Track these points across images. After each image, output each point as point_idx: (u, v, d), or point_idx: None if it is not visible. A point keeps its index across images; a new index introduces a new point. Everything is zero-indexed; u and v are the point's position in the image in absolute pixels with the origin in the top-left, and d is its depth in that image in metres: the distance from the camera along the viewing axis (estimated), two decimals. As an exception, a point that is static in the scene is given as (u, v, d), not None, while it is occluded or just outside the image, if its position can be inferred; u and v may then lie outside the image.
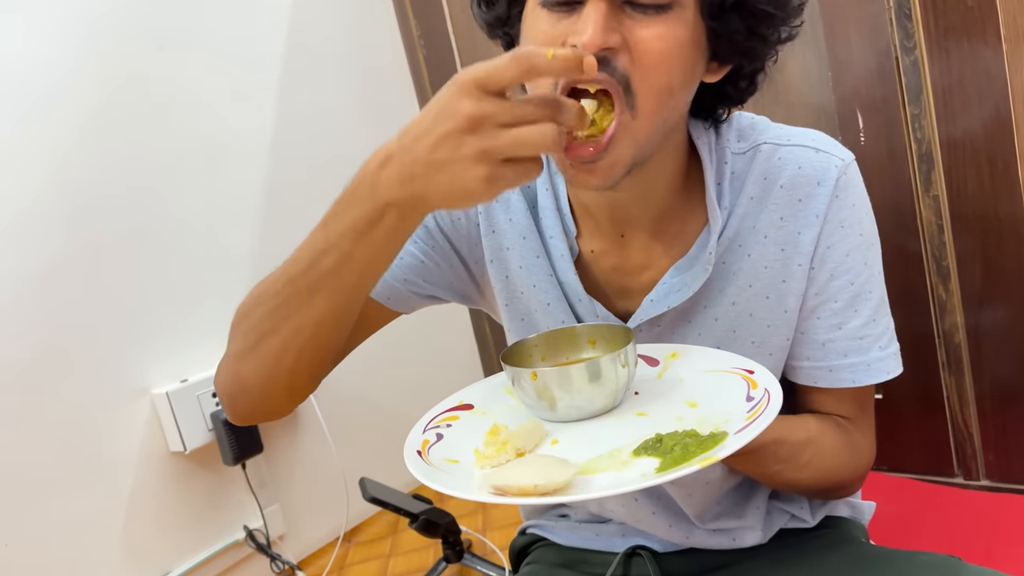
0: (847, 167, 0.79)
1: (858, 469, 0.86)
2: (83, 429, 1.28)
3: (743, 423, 0.63)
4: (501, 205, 0.85)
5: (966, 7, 1.10)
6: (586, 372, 0.68)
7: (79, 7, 1.30)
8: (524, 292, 0.86)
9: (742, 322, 0.81)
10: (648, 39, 0.66)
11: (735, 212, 0.79)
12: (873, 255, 0.81)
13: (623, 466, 0.62)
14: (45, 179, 1.25)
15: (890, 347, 0.82)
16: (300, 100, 1.59)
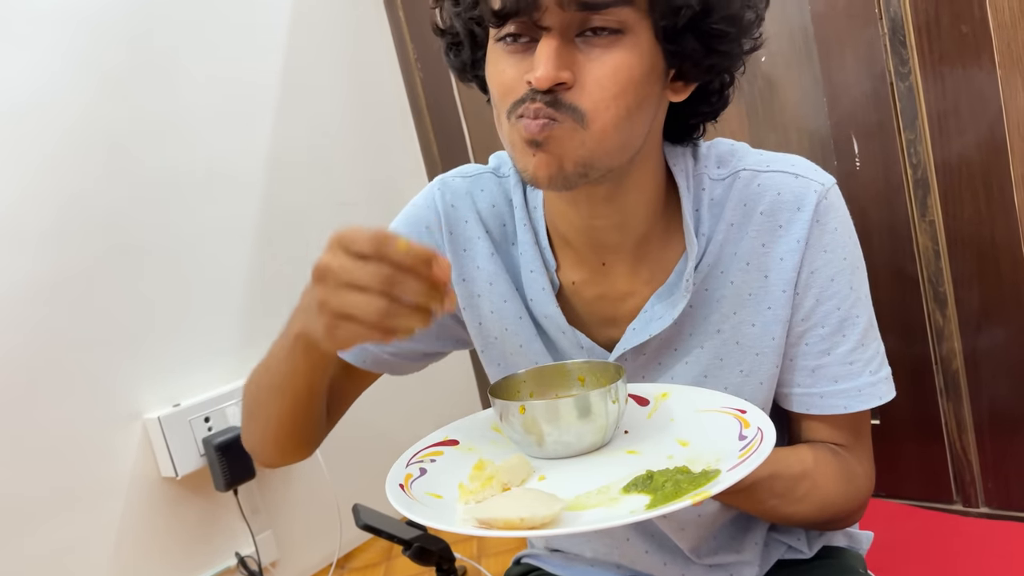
0: (827, 191, 0.79)
1: (857, 498, 0.85)
2: (74, 453, 1.27)
3: (736, 461, 0.62)
4: (468, 253, 0.86)
5: (960, 33, 1.10)
6: (575, 407, 0.67)
7: (78, 30, 1.30)
8: (497, 337, 0.86)
9: (729, 350, 0.80)
10: (599, 73, 0.68)
11: (714, 239, 0.79)
12: (858, 279, 0.80)
13: (612, 503, 0.61)
14: (39, 200, 1.25)
15: (881, 371, 0.81)
16: (296, 121, 1.59)
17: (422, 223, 0.87)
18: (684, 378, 0.81)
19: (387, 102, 1.76)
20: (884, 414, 1.29)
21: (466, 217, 0.85)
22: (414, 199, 0.90)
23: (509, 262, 0.85)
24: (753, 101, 1.29)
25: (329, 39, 1.66)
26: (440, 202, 0.86)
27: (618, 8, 0.66)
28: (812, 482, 0.78)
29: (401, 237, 0.61)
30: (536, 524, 0.56)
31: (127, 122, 1.35)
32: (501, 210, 0.85)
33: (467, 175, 0.87)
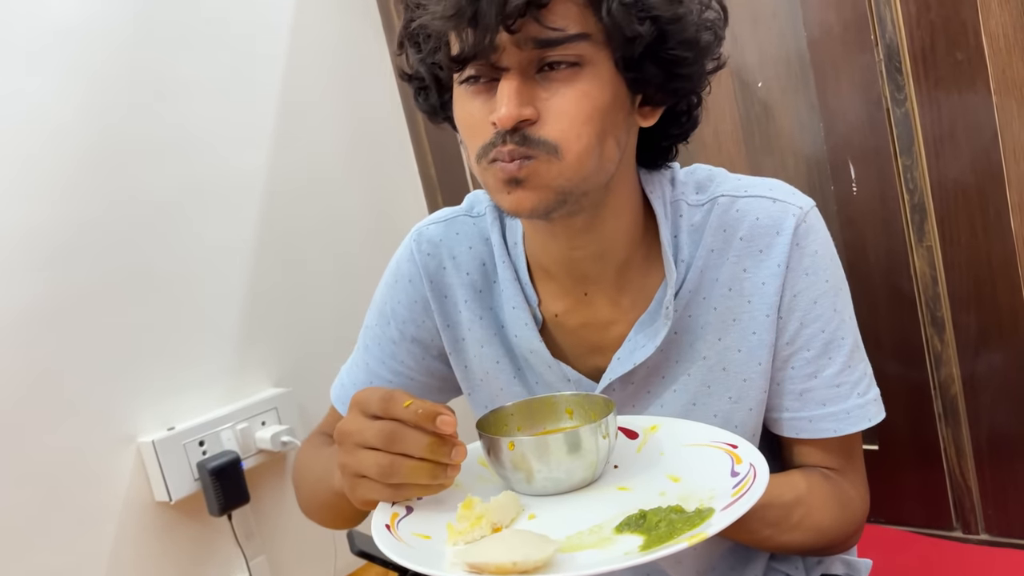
0: (806, 214, 0.79)
1: (852, 523, 0.85)
2: (68, 477, 1.26)
3: (729, 499, 0.61)
4: (450, 299, 0.87)
5: (955, 60, 1.11)
6: (565, 443, 0.66)
7: (75, 53, 1.30)
8: (482, 379, 0.87)
9: (716, 376, 0.80)
10: (560, 106, 0.69)
11: (695, 265, 0.79)
12: (842, 301, 0.81)
13: (606, 543, 0.60)
14: (30, 222, 1.25)
15: (869, 393, 0.81)
16: (294, 144, 1.59)
17: (404, 277, 0.89)
18: (673, 406, 0.81)
19: (385, 124, 1.77)
20: (883, 440, 1.28)
21: (443, 264, 0.87)
22: (395, 255, 0.93)
23: (491, 301, 0.85)
24: (750, 126, 1.30)
25: (328, 62, 1.67)
26: (417, 253, 0.88)
27: (574, 43, 0.67)
28: (806, 509, 0.78)
29: (406, 396, 0.65)
30: (529, 568, 0.56)
31: (122, 148, 1.35)
32: (478, 250, 0.86)
33: (441, 220, 0.89)
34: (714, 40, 0.74)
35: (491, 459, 0.69)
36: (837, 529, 0.82)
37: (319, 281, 1.61)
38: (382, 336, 0.92)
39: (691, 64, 0.72)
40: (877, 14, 1.15)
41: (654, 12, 0.68)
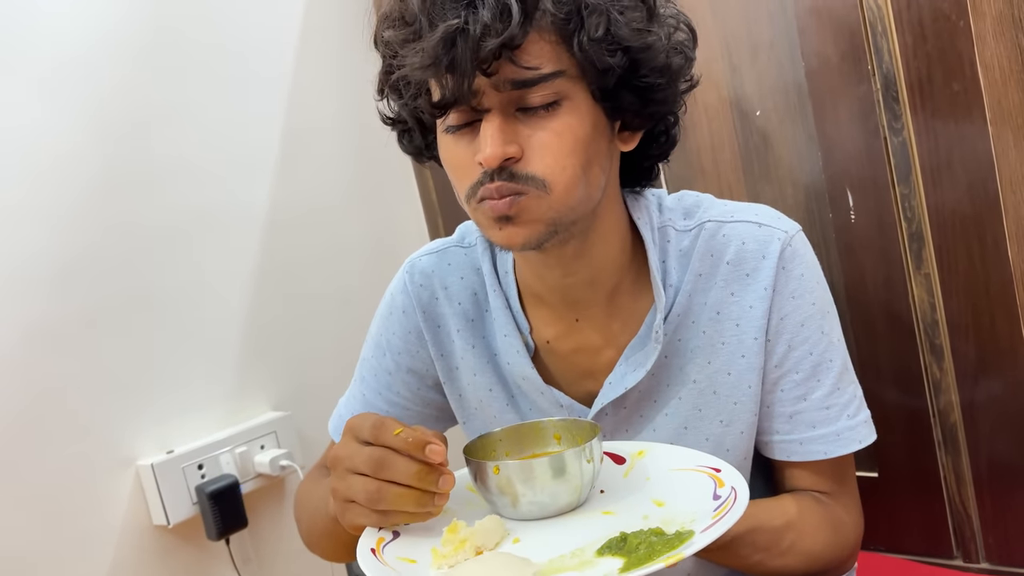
0: (791, 238, 0.81)
1: (845, 548, 0.85)
2: (66, 500, 1.26)
3: (709, 521, 0.62)
4: (443, 328, 0.89)
5: (952, 91, 1.13)
6: (549, 467, 0.67)
7: (83, 77, 1.32)
8: (476, 408, 0.88)
9: (707, 400, 0.81)
10: (544, 141, 0.71)
11: (683, 289, 0.81)
12: (829, 323, 0.82)
13: (585, 567, 0.61)
14: (33, 245, 1.26)
15: (859, 415, 0.82)
16: (297, 172, 1.61)
17: (399, 309, 0.90)
18: (665, 429, 0.82)
19: (387, 153, 1.78)
20: (883, 467, 1.28)
21: (436, 295, 0.88)
22: (389, 287, 0.95)
23: (483, 330, 0.87)
24: (749, 155, 1.31)
25: (331, 91, 1.69)
26: (410, 285, 0.90)
27: (550, 80, 0.69)
28: (797, 533, 0.78)
29: (397, 424, 0.66)
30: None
31: (125, 174, 1.36)
32: (470, 280, 0.88)
33: (433, 252, 0.91)
34: (685, 62, 0.76)
35: (477, 484, 0.70)
36: (830, 554, 0.82)
37: (319, 306, 1.61)
38: (378, 367, 0.93)
39: (664, 88, 0.74)
40: (874, 45, 1.17)
41: (624, 43, 0.70)
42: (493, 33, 0.65)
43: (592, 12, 0.68)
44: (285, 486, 1.52)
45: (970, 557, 1.24)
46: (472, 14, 0.65)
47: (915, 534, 1.28)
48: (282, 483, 1.51)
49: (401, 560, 0.65)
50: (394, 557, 0.65)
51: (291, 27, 1.63)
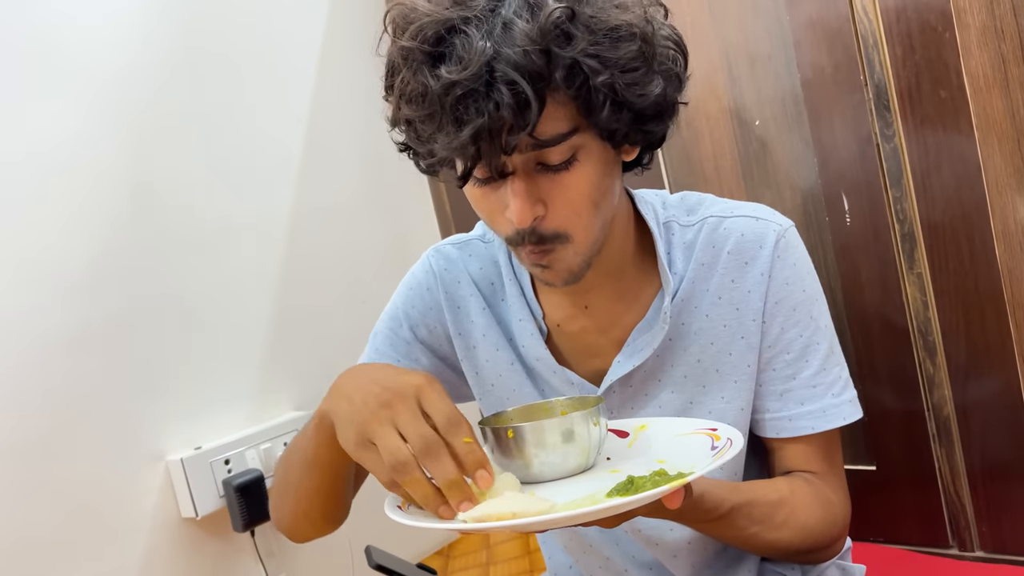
0: (785, 231, 0.88)
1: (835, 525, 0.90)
2: (99, 494, 1.32)
3: (708, 463, 0.69)
4: (463, 310, 0.95)
5: (940, 98, 1.18)
6: (559, 429, 0.73)
7: (116, 91, 1.39)
8: (493, 384, 0.94)
9: (710, 378, 0.87)
10: (568, 196, 0.76)
11: (687, 277, 0.87)
12: (818, 309, 0.88)
13: (598, 503, 0.65)
14: (68, 252, 1.33)
15: (843, 394, 0.88)
16: (316, 178, 1.68)
17: (423, 286, 0.97)
18: (671, 406, 0.88)
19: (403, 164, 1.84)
20: (880, 461, 1.33)
21: (458, 279, 0.95)
22: (412, 268, 1.01)
23: (500, 316, 0.93)
24: (748, 162, 1.37)
25: (351, 102, 1.76)
26: (435, 267, 0.96)
27: (568, 139, 0.74)
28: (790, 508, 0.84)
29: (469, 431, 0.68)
30: (527, 515, 0.62)
31: (154, 175, 1.43)
32: (488, 271, 0.95)
33: (457, 243, 0.98)
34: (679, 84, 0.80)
35: (493, 451, 0.76)
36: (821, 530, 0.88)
37: (338, 311, 1.68)
38: (395, 337, 0.98)
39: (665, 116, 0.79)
40: (866, 56, 1.23)
41: (630, 106, 0.74)
42: (516, 127, 0.69)
43: (599, 85, 0.71)
44: (307, 482, 1.58)
45: (965, 546, 1.29)
46: (494, 110, 0.68)
47: (912, 525, 1.32)
48: (304, 479, 1.58)
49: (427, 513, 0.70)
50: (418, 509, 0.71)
51: (311, 39, 1.70)
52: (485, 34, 0.68)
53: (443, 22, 0.70)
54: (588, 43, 0.70)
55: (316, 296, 1.65)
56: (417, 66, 0.71)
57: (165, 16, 1.47)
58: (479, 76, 0.68)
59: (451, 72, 0.68)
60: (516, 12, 0.69)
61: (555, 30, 0.69)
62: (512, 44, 0.68)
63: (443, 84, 0.69)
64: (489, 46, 0.68)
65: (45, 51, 1.32)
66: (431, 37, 0.70)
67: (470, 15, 0.69)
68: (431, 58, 0.70)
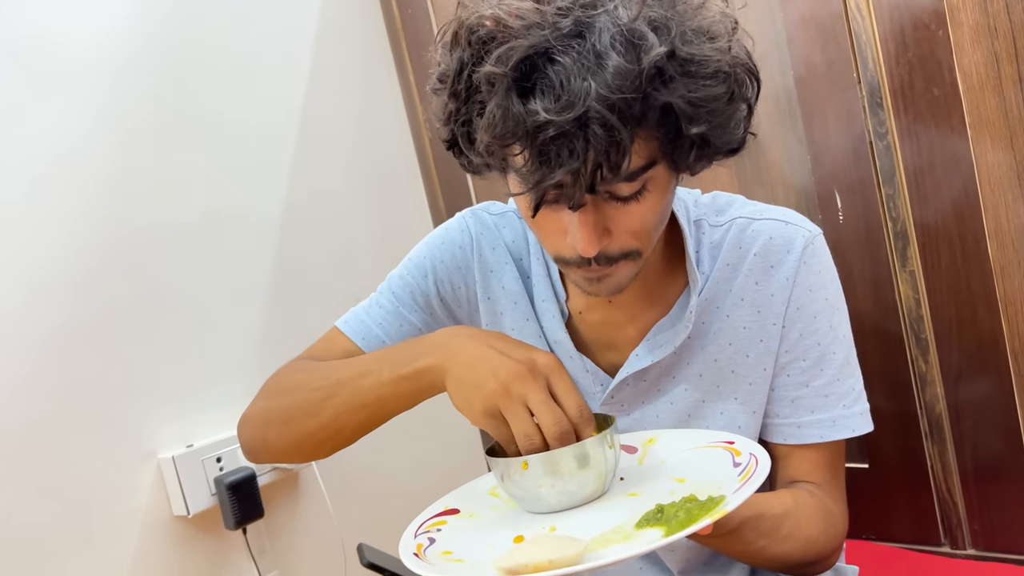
0: (814, 238, 0.87)
1: (835, 537, 0.90)
2: (90, 491, 1.32)
3: (737, 484, 0.65)
4: (495, 274, 0.93)
5: (932, 96, 1.18)
6: (574, 456, 0.70)
7: (105, 87, 1.39)
8: None
9: (725, 378, 0.87)
10: (633, 222, 0.74)
11: (713, 277, 0.87)
12: (838, 319, 0.88)
13: (629, 538, 0.63)
14: (56, 250, 1.32)
15: (855, 406, 0.88)
16: (310, 175, 1.67)
17: (456, 243, 0.95)
18: (683, 403, 0.88)
19: (396, 158, 1.85)
20: (872, 458, 1.33)
21: (494, 245, 0.94)
22: (446, 223, 0.99)
23: (526, 290, 0.92)
24: (742, 159, 1.37)
25: (344, 100, 1.75)
26: (472, 228, 0.95)
27: (644, 173, 0.71)
28: (795, 521, 0.84)
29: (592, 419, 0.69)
30: (564, 564, 0.58)
31: (146, 171, 1.43)
32: (519, 245, 0.94)
33: (493, 212, 0.97)
34: (751, 116, 0.77)
35: (504, 483, 0.73)
36: (823, 542, 0.87)
37: (329, 306, 1.66)
38: (416, 288, 0.96)
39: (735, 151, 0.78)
40: (859, 53, 1.23)
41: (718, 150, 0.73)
42: (606, 170, 0.66)
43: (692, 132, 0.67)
44: (299, 479, 1.58)
45: (957, 543, 1.29)
46: (584, 152, 0.64)
47: (904, 522, 1.33)
48: (297, 476, 1.57)
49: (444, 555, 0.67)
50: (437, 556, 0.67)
51: (305, 33, 1.70)
52: (584, 70, 0.63)
53: (534, 47, 0.65)
54: (686, 88, 0.66)
55: (309, 291, 1.64)
56: (504, 93, 0.66)
57: (158, 11, 1.46)
58: (578, 119, 0.63)
59: (548, 111, 0.63)
60: (612, 44, 0.64)
61: (655, 72, 0.65)
62: (610, 85, 0.63)
63: (536, 122, 0.64)
64: (592, 87, 0.63)
65: (37, 47, 1.31)
66: (521, 63, 0.65)
67: (564, 42, 0.64)
68: (520, 88, 0.65)
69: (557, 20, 0.65)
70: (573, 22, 0.65)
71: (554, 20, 0.65)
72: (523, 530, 0.70)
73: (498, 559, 0.62)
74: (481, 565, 0.64)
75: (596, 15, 0.65)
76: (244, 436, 0.94)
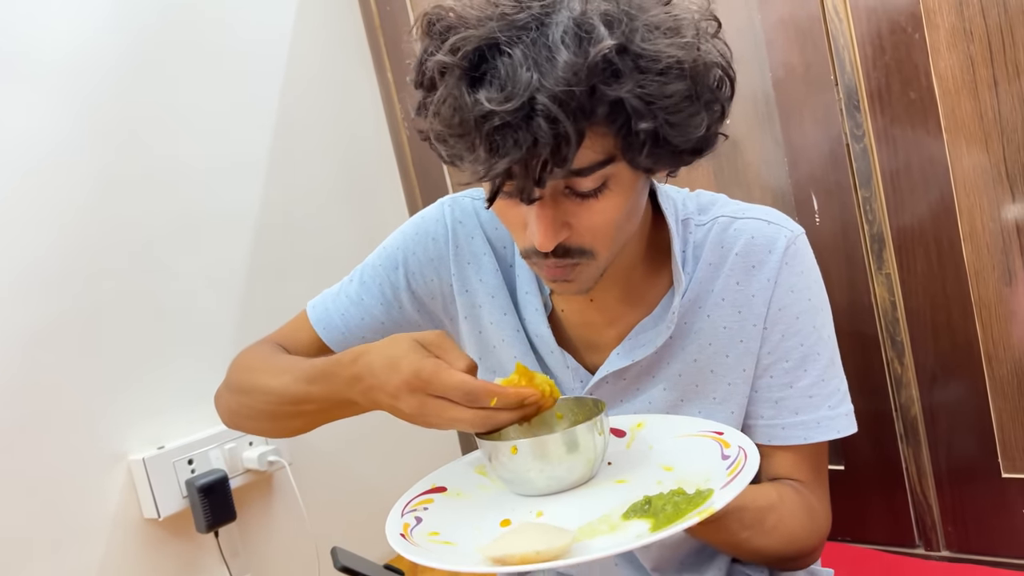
0: (796, 238, 0.86)
1: (818, 534, 0.90)
2: (59, 494, 1.29)
3: (725, 479, 0.65)
4: (472, 266, 0.92)
5: (909, 99, 1.18)
6: (563, 442, 0.70)
7: (74, 82, 1.36)
8: (496, 346, 0.91)
9: (704, 378, 0.86)
10: (593, 219, 0.74)
11: (695, 276, 0.86)
12: (821, 319, 0.87)
13: (616, 529, 0.63)
14: (25, 248, 1.29)
15: (840, 407, 0.87)
16: (286, 176, 1.65)
17: (429, 235, 0.94)
18: (661, 402, 0.87)
19: (375, 159, 1.83)
20: (848, 460, 1.33)
21: (472, 234, 0.92)
22: (424, 211, 0.97)
23: (508, 281, 0.91)
24: (719, 161, 1.37)
25: (320, 97, 1.73)
26: (449, 218, 0.93)
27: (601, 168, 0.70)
28: (779, 515, 0.83)
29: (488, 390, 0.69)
30: (551, 556, 0.58)
31: (117, 172, 1.40)
32: (503, 233, 0.92)
33: (476, 197, 0.94)
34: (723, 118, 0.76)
35: (492, 465, 0.72)
36: (806, 538, 0.87)
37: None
38: (385, 280, 0.95)
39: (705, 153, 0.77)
40: (837, 56, 1.23)
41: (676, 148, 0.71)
42: (553, 163, 0.66)
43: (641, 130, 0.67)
44: (273, 481, 1.56)
45: (931, 545, 1.29)
46: (531, 145, 0.64)
47: (879, 524, 1.33)
48: (270, 478, 1.55)
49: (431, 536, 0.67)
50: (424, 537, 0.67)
51: (282, 32, 1.68)
52: (531, 63, 0.64)
53: (485, 39, 0.65)
54: (636, 83, 0.66)
55: (285, 292, 1.62)
56: (454, 83, 0.67)
57: (133, 13, 1.44)
58: (520, 109, 0.64)
59: (491, 100, 0.64)
60: (563, 39, 0.64)
61: (604, 66, 0.65)
62: (556, 77, 0.63)
63: (481, 112, 0.65)
64: (535, 78, 0.63)
65: (11, 48, 1.29)
66: (471, 53, 0.66)
67: (515, 34, 0.65)
68: (470, 78, 0.66)
69: (514, 14, 0.65)
70: (529, 16, 0.65)
71: (511, 14, 0.65)
72: (510, 514, 0.70)
73: (485, 546, 0.61)
74: (469, 551, 0.64)
75: (553, 11, 0.65)
76: (219, 412, 1.01)
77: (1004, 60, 1.11)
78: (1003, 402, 1.20)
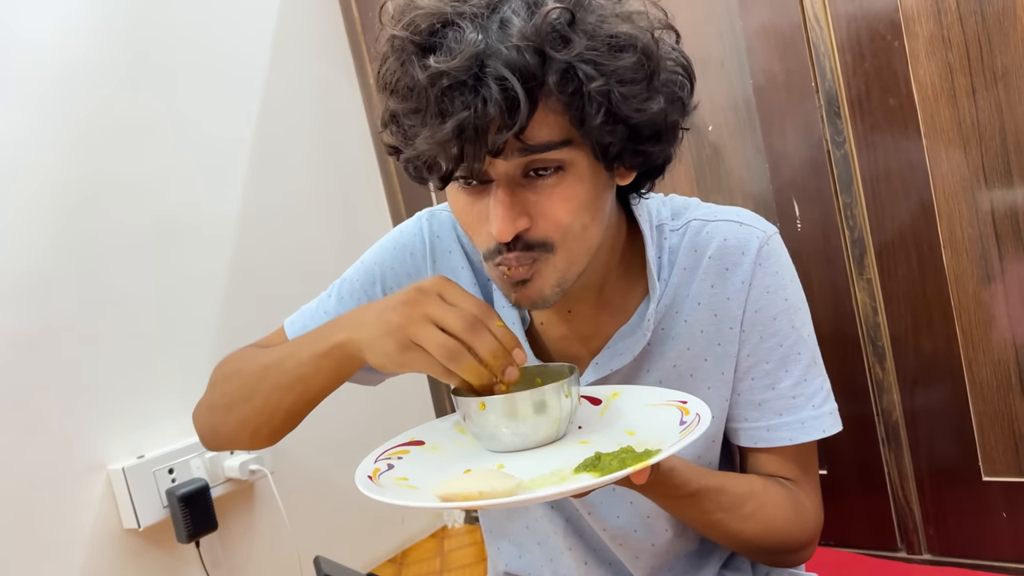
0: (769, 238, 0.86)
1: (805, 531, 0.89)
2: (37, 503, 1.28)
3: (676, 440, 0.68)
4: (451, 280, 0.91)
5: (889, 106, 1.19)
6: (531, 401, 0.72)
7: (56, 88, 1.35)
8: None
9: (684, 383, 0.86)
10: (552, 208, 0.74)
11: (670, 282, 0.86)
12: (800, 318, 0.87)
13: (563, 481, 0.66)
14: (8, 256, 1.28)
15: (824, 406, 0.87)
16: (267, 180, 1.64)
17: (407, 249, 0.94)
18: None
19: (356, 162, 1.83)
20: (830, 464, 1.34)
21: (450, 248, 0.92)
22: (402, 225, 0.97)
23: (486, 294, 0.91)
24: (701, 167, 1.37)
25: (303, 104, 1.73)
26: (427, 232, 0.93)
27: (557, 150, 0.71)
28: (759, 503, 0.83)
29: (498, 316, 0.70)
30: (493, 495, 0.62)
31: (98, 177, 1.39)
32: None
33: None
34: (683, 112, 0.77)
35: (465, 421, 0.75)
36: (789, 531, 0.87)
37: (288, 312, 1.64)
38: (363, 295, 0.95)
39: (664, 141, 0.77)
40: (817, 63, 1.24)
41: (626, 120, 0.71)
42: (503, 126, 0.66)
43: (594, 93, 0.68)
44: (255, 490, 1.55)
45: (913, 549, 1.30)
46: (481, 105, 0.66)
47: (861, 528, 1.34)
48: (252, 487, 1.54)
49: (398, 480, 0.70)
50: (390, 481, 0.70)
51: (263, 37, 1.67)
52: (479, 28, 0.67)
53: (438, 15, 0.68)
54: (585, 48, 0.67)
55: (266, 298, 1.61)
56: (406, 57, 0.69)
57: (112, 18, 1.43)
58: (468, 68, 0.65)
59: (439, 62, 0.66)
60: (514, 10, 0.67)
61: (551, 31, 0.67)
62: (506, 40, 0.66)
63: (430, 74, 0.66)
64: (481, 39, 0.66)
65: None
66: (424, 29, 0.68)
67: (467, 10, 0.68)
68: (421, 49, 0.68)
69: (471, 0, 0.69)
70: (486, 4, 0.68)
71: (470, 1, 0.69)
72: (473, 464, 0.73)
73: (436, 486, 0.65)
74: (418, 492, 0.68)
75: None
76: (196, 425, 0.96)
77: (982, 67, 1.12)
78: (983, 405, 1.21)
